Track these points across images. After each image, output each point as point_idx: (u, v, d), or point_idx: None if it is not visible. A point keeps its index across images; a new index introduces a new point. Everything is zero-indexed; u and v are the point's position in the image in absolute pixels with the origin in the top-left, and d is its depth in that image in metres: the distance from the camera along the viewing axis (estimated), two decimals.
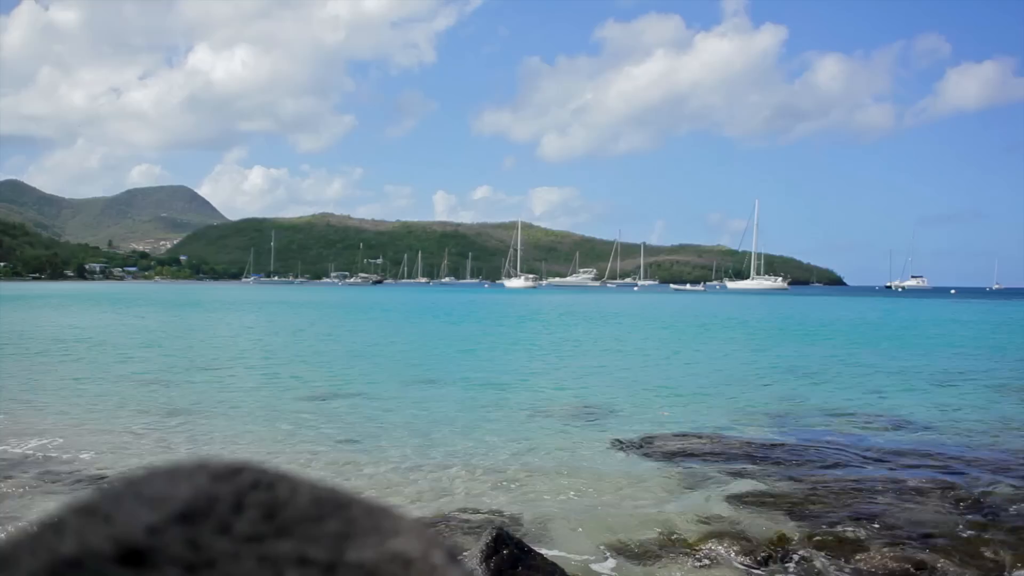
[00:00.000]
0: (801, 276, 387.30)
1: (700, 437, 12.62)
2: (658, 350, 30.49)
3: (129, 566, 0.49)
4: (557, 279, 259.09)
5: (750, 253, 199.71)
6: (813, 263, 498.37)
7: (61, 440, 11.94)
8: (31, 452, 11.23)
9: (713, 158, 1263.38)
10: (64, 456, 10.95)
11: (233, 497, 0.55)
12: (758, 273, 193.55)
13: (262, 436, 12.75)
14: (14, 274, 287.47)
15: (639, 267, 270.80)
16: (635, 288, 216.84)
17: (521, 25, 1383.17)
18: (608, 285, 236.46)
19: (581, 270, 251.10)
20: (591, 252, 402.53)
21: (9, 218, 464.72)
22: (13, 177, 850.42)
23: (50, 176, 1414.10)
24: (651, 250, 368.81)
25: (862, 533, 7.79)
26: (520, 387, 19.07)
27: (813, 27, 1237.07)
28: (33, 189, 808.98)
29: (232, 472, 0.57)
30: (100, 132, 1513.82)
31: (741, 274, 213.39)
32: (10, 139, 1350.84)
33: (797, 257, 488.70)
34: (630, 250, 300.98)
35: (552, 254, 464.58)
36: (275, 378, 20.61)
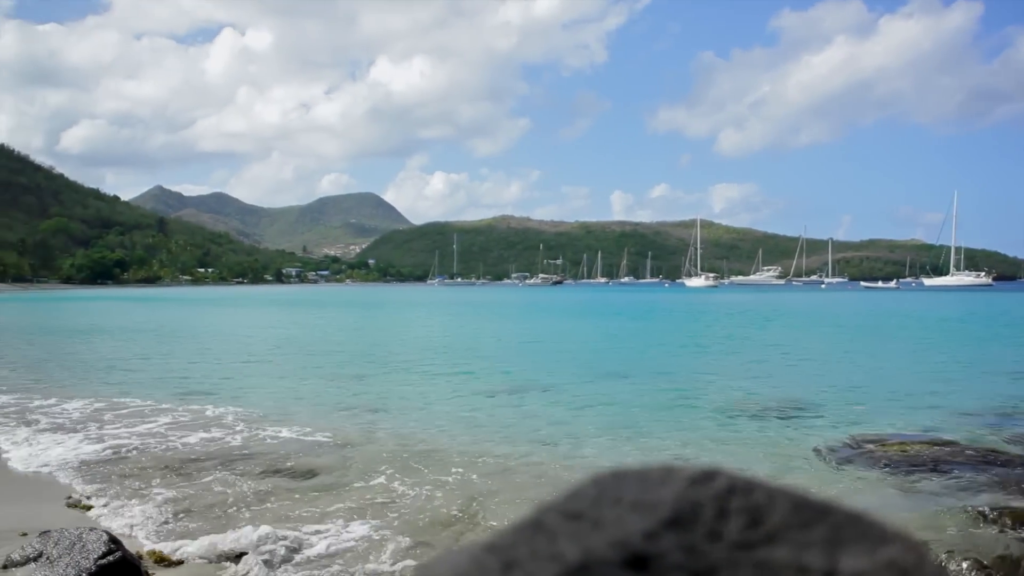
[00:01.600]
0: (1007, 271, 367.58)
1: (914, 441, 11.89)
2: (851, 349, 30.03)
3: (634, 573, 0.51)
4: (740, 277, 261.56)
5: (948, 247, 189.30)
6: (1021, 257, 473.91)
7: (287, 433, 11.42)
8: (270, 438, 11.48)
9: (902, 147, 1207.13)
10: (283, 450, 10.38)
11: (715, 503, 0.56)
12: (958, 268, 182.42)
13: (456, 432, 12.75)
14: (220, 279, 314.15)
15: (826, 264, 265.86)
16: (822, 286, 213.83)
17: (693, 20, 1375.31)
18: (793, 283, 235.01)
19: (764, 268, 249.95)
20: (774, 249, 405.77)
21: (215, 227, 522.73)
22: (218, 190, 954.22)
23: (250, 188, 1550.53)
24: (839, 246, 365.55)
25: None
26: (710, 385, 18.94)
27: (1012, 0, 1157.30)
28: (235, 200, 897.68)
29: (707, 477, 0.58)
30: (292, 145, 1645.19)
31: (939, 270, 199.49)
32: (215, 155, 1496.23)
33: (1002, 251, 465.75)
34: (816, 246, 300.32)
35: (734, 252, 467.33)
36: (470, 374, 21.46)
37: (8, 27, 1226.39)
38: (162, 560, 6.34)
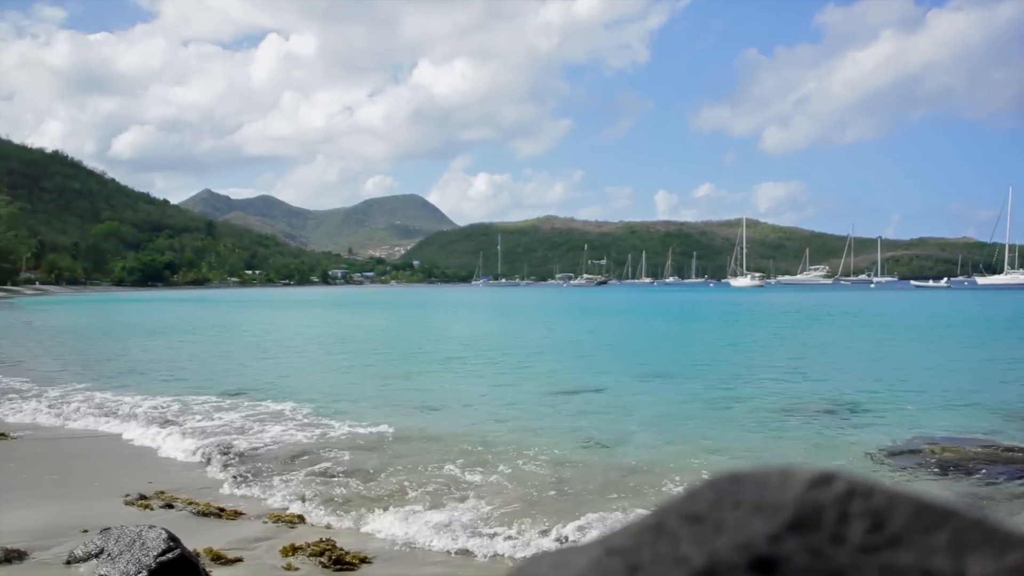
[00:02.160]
0: None
1: (968, 444, 11.55)
2: (900, 349, 29.60)
3: None
4: (786, 277, 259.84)
5: (1001, 245, 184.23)
6: None
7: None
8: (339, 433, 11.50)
9: (953, 143, 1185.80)
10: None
11: (837, 506, 0.55)
12: (1012, 267, 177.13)
13: (511, 428, 12.69)
14: (267, 280, 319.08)
15: (875, 263, 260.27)
16: (871, 285, 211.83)
17: (735, 17, 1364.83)
18: (841, 282, 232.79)
19: (811, 267, 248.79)
20: (822, 248, 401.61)
21: (262, 230, 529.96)
22: (265, 193, 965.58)
23: (296, 190, 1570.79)
24: (888, 244, 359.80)
25: None
26: (757, 385, 18.66)
27: None
28: (282, 203, 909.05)
29: (825, 480, 0.57)
30: (337, 148, 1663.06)
31: (992, 268, 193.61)
32: (261, 159, 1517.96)
33: None
34: (864, 245, 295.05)
35: (780, 251, 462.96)
36: (520, 372, 21.52)
37: (61, 37, 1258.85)
38: (219, 558, 6.39)
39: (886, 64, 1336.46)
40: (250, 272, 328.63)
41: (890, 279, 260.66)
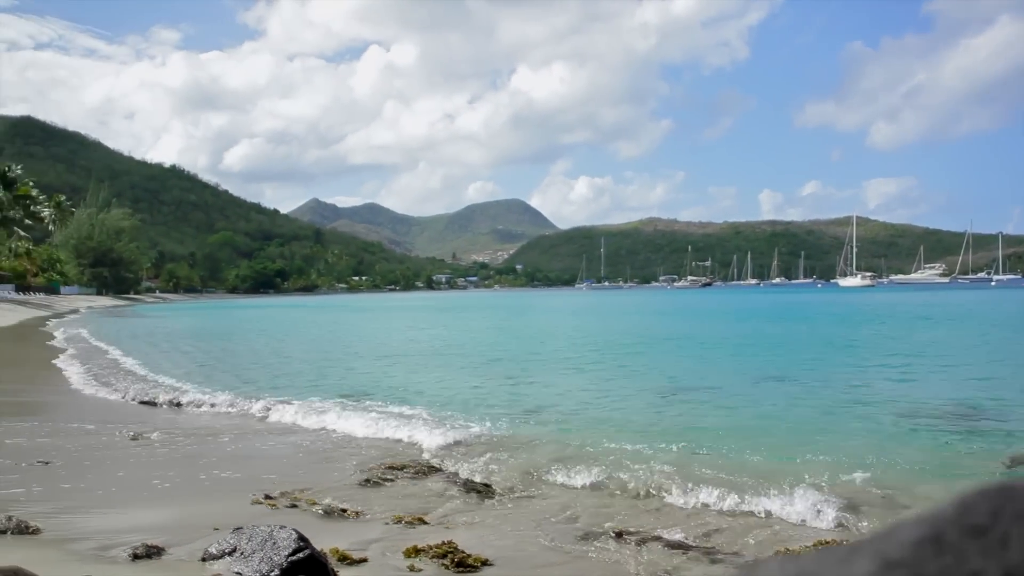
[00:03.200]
0: None
1: None
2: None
3: None
4: (899, 276, 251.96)
5: None
6: None
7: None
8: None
9: None
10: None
11: None
12: None
13: (627, 433, 12.30)
14: (373, 286, 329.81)
15: (995, 260, 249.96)
16: (992, 283, 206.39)
17: (838, 10, 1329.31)
18: (959, 281, 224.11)
19: (926, 266, 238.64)
20: (937, 245, 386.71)
21: (368, 237, 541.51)
22: (370, 200, 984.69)
23: (399, 198, 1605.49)
24: (1009, 240, 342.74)
25: None
26: (873, 389, 17.84)
27: None
28: (387, 210, 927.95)
29: None
30: (438, 155, 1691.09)
31: None
32: (366, 167, 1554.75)
33: None
34: (984, 241, 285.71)
35: (892, 249, 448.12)
36: (631, 376, 21.24)
37: (175, 58, 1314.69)
38: (344, 558, 6.45)
39: (1003, 51, 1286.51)
40: (357, 278, 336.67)
41: (1012, 277, 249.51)
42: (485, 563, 6.73)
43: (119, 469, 10.04)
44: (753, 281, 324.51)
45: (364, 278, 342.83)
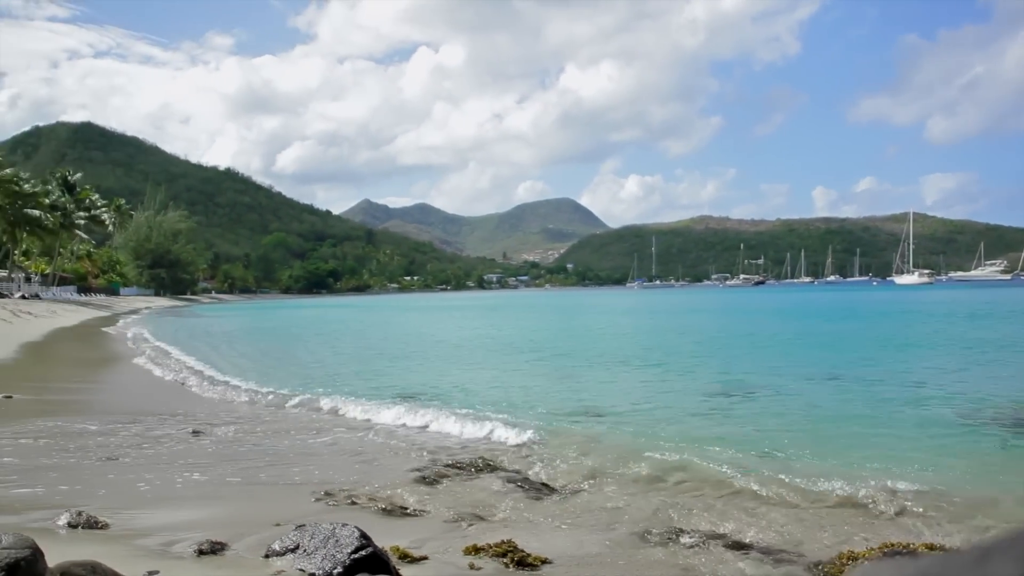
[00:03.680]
0: None
1: None
2: None
3: None
4: (959, 273, 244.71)
5: None
6: None
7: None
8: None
9: None
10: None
11: None
12: None
13: (686, 433, 12.25)
14: (425, 286, 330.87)
15: None
16: None
17: (891, 3, 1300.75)
18: (1022, 278, 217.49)
19: (987, 262, 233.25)
20: (998, 242, 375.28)
21: (419, 237, 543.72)
22: (422, 201, 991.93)
23: (449, 198, 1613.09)
24: None
25: None
26: (933, 391, 17.12)
27: None
28: (438, 210, 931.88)
29: None
30: (488, 155, 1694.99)
31: None
32: (416, 168, 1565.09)
33: None
34: None
35: (951, 246, 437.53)
36: (686, 374, 21.15)
37: (229, 63, 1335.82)
38: (405, 556, 6.46)
39: None
40: (408, 278, 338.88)
41: None
42: (545, 562, 6.70)
43: (182, 465, 10.20)
44: (807, 279, 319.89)
45: (415, 278, 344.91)
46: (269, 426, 13.93)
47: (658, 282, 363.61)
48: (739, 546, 7.21)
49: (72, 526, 6.85)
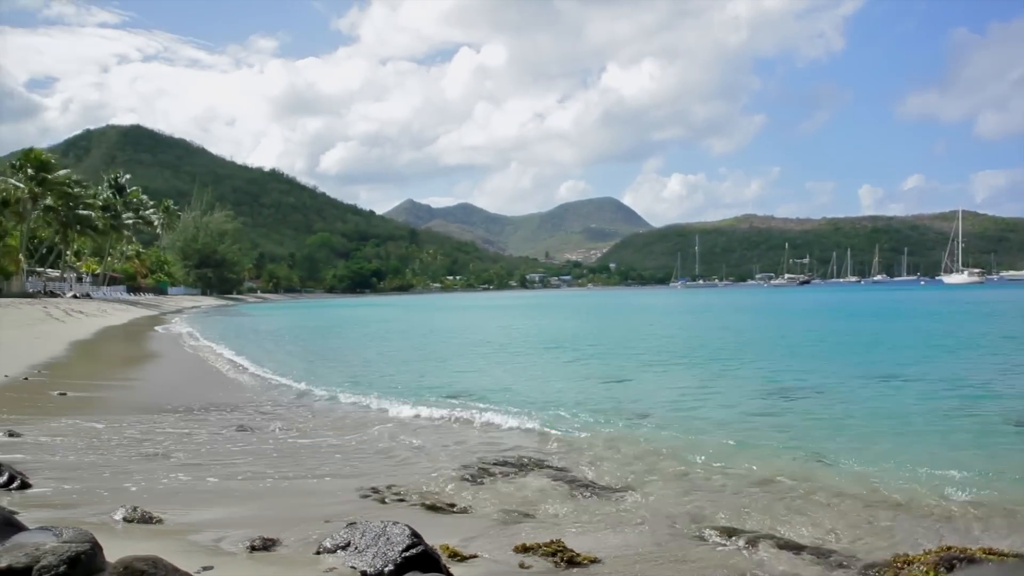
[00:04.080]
0: None
1: None
2: None
3: None
4: (1012, 272, 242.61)
5: None
6: None
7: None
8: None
9: None
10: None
11: None
12: None
13: (736, 436, 12.06)
14: (467, 286, 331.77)
15: None
16: None
17: None
18: None
19: None
20: None
21: (462, 237, 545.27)
22: (464, 200, 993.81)
23: (492, 197, 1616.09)
24: None
25: None
26: (987, 393, 16.77)
27: None
28: (480, 210, 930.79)
29: None
30: (529, 155, 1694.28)
31: None
32: (458, 168, 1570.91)
33: None
34: None
35: (1002, 244, 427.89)
36: (734, 375, 21.09)
37: (273, 66, 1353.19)
38: (455, 555, 6.44)
39: None
40: (451, 278, 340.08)
41: None
42: (594, 561, 6.65)
43: (234, 461, 10.31)
44: (853, 279, 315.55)
45: (458, 277, 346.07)
46: (315, 422, 14.05)
47: (701, 281, 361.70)
48: (790, 546, 7.09)
49: (128, 520, 6.93)
